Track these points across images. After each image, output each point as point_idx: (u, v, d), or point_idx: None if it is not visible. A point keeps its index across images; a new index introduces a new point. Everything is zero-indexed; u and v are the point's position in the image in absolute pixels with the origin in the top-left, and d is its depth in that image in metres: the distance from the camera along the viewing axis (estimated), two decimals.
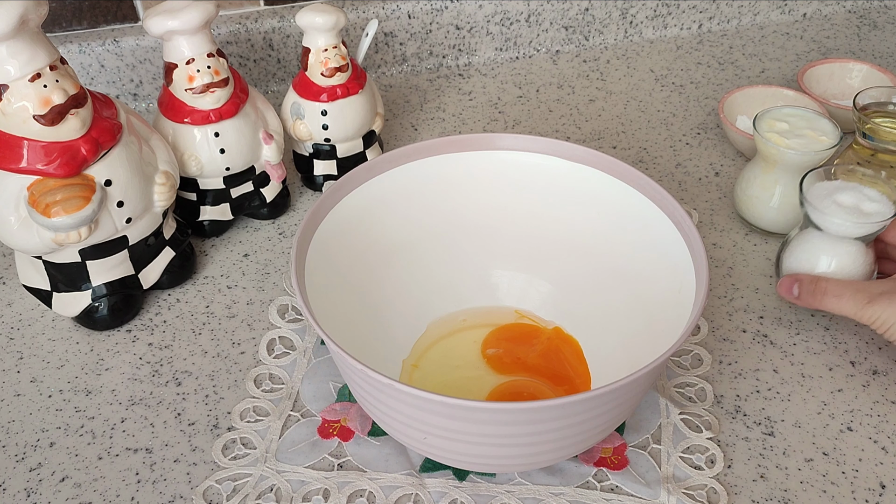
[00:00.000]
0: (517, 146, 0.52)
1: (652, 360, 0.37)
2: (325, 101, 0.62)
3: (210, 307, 0.57)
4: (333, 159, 0.66)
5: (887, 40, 0.86)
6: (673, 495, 0.44)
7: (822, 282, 0.50)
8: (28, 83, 0.45)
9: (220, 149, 0.58)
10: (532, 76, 0.82)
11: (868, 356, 0.52)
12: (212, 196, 0.61)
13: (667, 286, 0.46)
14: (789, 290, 0.51)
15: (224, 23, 0.75)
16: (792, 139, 0.57)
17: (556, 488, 0.45)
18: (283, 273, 0.60)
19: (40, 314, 0.57)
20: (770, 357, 0.53)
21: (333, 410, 0.50)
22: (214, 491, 0.45)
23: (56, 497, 0.45)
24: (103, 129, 0.49)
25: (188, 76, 0.55)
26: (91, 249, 0.52)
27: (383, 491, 0.45)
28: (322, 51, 0.60)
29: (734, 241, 0.61)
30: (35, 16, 0.45)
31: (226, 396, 0.51)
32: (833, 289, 0.49)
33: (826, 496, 0.45)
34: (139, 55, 0.74)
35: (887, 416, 0.49)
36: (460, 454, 0.42)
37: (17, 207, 0.48)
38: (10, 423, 0.49)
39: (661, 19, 0.86)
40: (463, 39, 0.82)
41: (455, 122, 0.76)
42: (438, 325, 0.54)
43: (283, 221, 0.65)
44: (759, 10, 0.88)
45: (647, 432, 0.48)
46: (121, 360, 0.53)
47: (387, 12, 0.78)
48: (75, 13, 0.73)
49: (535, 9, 0.82)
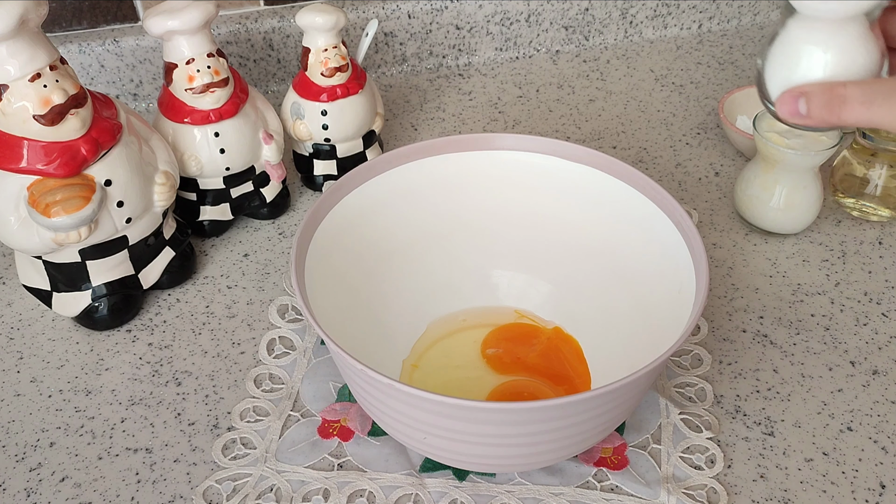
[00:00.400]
0: (517, 146, 0.52)
1: (652, 360, 0.37)
2: (325, 101, 0.62)
3: (210, 307, 0.57)
4: (333, 159, 0.66)
5: None
6: (673, 495, 0.44)
7: (839, 87, 0.37)
8: (28, 83, 0.45)
9: (220, 149, 0.58)
10: (532, 76, 0.82)
11: (868, 356, 0.52)
12: (212, 196, 0.61)
13: (667, 286, 0.46)
14: (794, 108, 0.38)
15: (224, 23, 0.75)
16: (792, 139, 0.57)
17: (556, 488, 0.45)
18: (283, 273, 0.60)
19: (40, 314, 0.57)
20: (770, 357, 0.53)
21: (333, 410, 0.50)
22: (214, 491, 0.45)
23: (56, 497, 0.45)
24: (103, 129, 0.49)
25: (188, 76, 0.55)
26: (91, 249, 0.52)
27: (383, 491, 0.45)
28: (322, 51, 0.60)
29: (734, 241, 0.61)
30: (35, 16, 0.45)
31: (226, 396, 0.51)
32: (857, 93, 0.36)
33: (826, 496, 0.45)
34: (139, 55, 0.74)
35: (887, 416, 0.49)
36: (460, 454, 0.42)
37: (17, 207, 0.48)
38: (10, 423, 0.49)
39: (661, 19, 0.86)
40: (463, 39, 0.82)
41: (455, 122, 0.76)
42: (438, 325, 0.54)
43: (283, 221, 0.65)
44: (759, 10, 0.88)
45: (647, 432, 0.48)
46: (121, 360, 0.53)
47: (387, 12, 0.78)
48: (75, 13, 0.73)
49: (535, 9, 0.82)
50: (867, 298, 0.56)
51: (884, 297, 0.56)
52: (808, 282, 0.58)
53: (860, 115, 0.36)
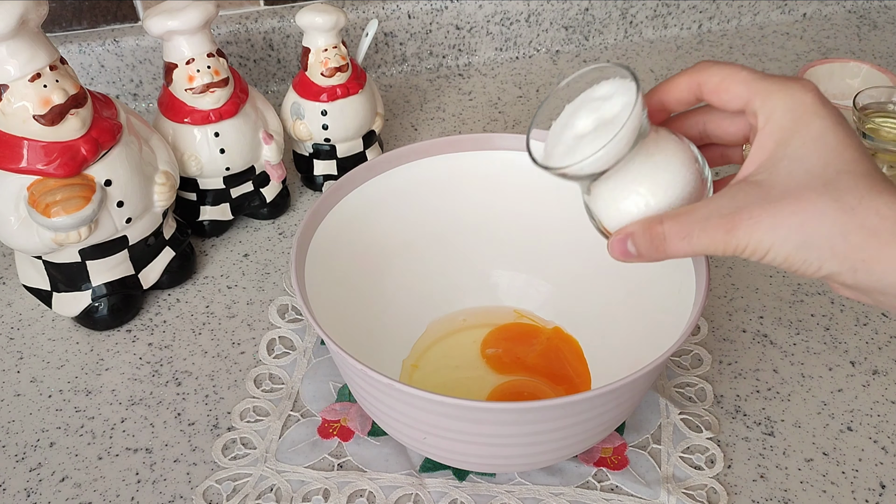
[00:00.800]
0: (517, 146, 0.52)
1: (652, 360, 0.37)
2: (325, 101, 0.62)
3: (210, 307, 0.57)
4: (333, 159, 0.66)
5: (887, 40, 0.86)
6: (673, 495, 0.44)
7: (657, 225, 0.35)
8: (28, 83, 0.45)
9: (220, 149, 0.58)
10: (532, 76, 0.82)
11: (868, 356, 0.52)
12: (212, 196, 0.61)
13: (667, 286, 0.46)
14: (624, 251, 0.37)
15: (224, 23, 0.75)
16: None
17: (556, 488, 0.45)
18: (283, 273, 0.60)
19: (40, 314, 0.57)
20: (770, 357, 0.53)
21: (333, 410, 0.50)
22: (214, 491, 0.45)
23: (56, 497, 0.45)
24: (103, 129, 0.49)
25: (188, 76, 0.55)
26: (91, 249, 0.52)
27: (383, 491, 0.45)
28: (322, 51, 0.60)
29: None
30: (35, 16, 0.45)
31: (226, 396, 0.51)
32: (673, 230, 0.34)
33: (826, 496, 0.45)
34: (139, 55, 0.74)
35: (887, 416, 0.49)
36: (460, 454, 0.42)
37: (17, 207, 0.48)
38: (10, 423, 0.49)
39: (661, 19, 0.86)
40: (463, 39, 0.82)
41: (455, 122, 0.76)
42: (438, 325, 0.54)
43: (283, 221, 0.65)
44: (759, 10, 0.88)
45: (647, 432, 0.48)
46: (121, 360, 0.53)
47: (387, 12, 0.78)
48: (75, 13, 0.73)
49: (535, 9, 0.82)
50: None
51: None
52: (808, 282, 0.58)
53: (682, 249, 0.34)
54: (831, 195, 0.31)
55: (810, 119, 0.33)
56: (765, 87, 0.34)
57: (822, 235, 0.31)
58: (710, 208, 0.33)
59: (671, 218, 0.34)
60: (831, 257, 0.31)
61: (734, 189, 0.33)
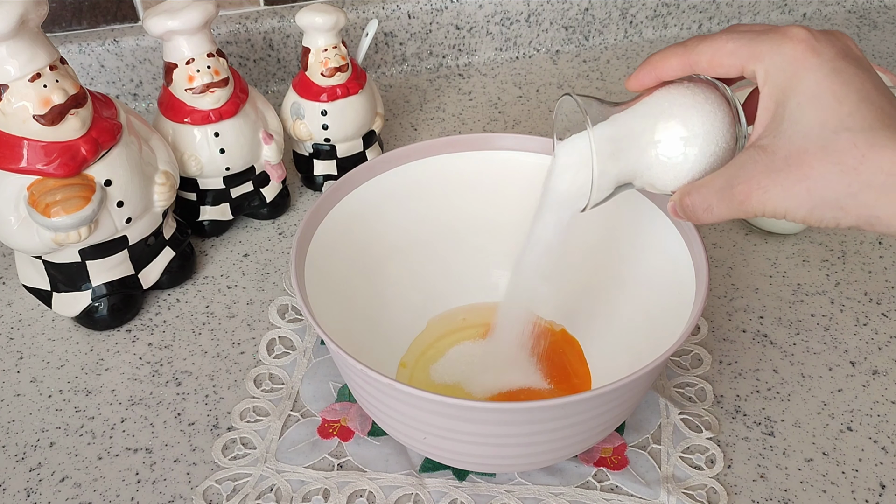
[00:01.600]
0: (517, 146, 0.52)
1: (652, 360, 0.37)
2: (325, 101, 0.62)
3: (210, 307, 0.57)
4: (333, 159, 0.66)
5: (887, 40, 0.86)
6: (673, 495, 0.44)
7: (685, 197, 0.37)
8: (28, 83, 0.45)
9: (220, 149, 0.58)
10: (532, 76, 0.82)
11: (868, 356, 0.52)
12: (212, 196, 0.61)
13: (667, 286, 0.46)
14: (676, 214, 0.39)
15: (224, 23, 0.75)
16: None
17: (556, 488, 0.45)
18: (283, 273, 0.60)
19: (40, 314, 0.57)
20: (770, 357, 0.53)
21: (333, 410, 0.50)
22: (214, 491, 0.45)
23: (56, 497, 0.45)
24: (103, 129, 0.49)
25: (188, 76, 0.55)
26: (91, 249, 0.52)
27: (383, 491, 0.45)
28: (322, 51, 0.60)
29: (734, 241, 0.61)
30: (35, 16, 0.45)
31: (226, 396, 0.51)
32: (696, 201, 0.36)
33: (826, 496, 0.45)
34: (139, 55, 0.74)
35: (887, 416, 0.49)
36: (460, 454, 0.42)
37: (17, 207, 0.48)
38: (10, 423, 0.49)
39: (661, 19, 0.86)
40: (463, 39, 0.82)
41: (455, 122, 0.76)
42: (438, 324, 0.54)
43: (283, 221, 0.65)
44: (759, 10, 0.88)
45: (647, 432, 0.48)
46: (121, 360, 0.53)
47: (387, 12, 0.78)
48: (75, 13, 0.73)
49: (535, 9, 0.82)
50: (867, 298, 0.56)
51: (884, 297, 0.56)
52: (808, 282, 0.58)
53: (709, 218, 0.36)
54: (831, 158, 0.31)
55: (804, 74, 0.33)
56: (754, 50, 0.34)
57: (830, 198, 0.32)
58: (724, 178, 0.35)
59: (696, 190, 0.36)
60: (845, 216, 0.32)
61: (744, 156, 0.34)
